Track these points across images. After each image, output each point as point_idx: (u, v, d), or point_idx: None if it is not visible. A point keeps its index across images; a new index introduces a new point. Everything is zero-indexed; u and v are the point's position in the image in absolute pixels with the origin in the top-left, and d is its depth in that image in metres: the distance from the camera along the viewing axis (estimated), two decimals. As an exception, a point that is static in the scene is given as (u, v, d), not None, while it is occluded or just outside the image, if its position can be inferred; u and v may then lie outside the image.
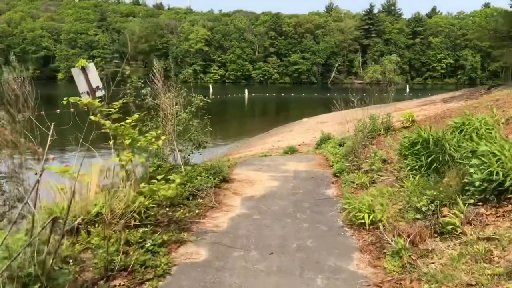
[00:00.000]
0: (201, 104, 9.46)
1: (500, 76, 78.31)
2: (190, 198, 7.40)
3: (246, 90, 57.59)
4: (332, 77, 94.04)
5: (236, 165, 11.12)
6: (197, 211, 6.75)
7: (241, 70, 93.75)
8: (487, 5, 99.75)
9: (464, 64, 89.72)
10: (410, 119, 11.07)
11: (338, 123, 20.19)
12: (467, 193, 5.08)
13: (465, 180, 5.12)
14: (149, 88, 8.84)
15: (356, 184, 7.92)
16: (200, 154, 9.61)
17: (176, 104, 9.15)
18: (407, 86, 69.61)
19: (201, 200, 7.29)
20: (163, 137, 7.35)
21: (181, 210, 6.65)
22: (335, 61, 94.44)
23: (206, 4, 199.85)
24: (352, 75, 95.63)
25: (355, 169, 9.08)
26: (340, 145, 11.78)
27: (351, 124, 11.61)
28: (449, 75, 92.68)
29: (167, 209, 6.61)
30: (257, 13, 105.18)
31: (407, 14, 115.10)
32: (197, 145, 9.52)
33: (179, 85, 9.50)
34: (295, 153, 13.49)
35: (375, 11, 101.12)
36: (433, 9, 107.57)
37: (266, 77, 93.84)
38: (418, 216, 5.37)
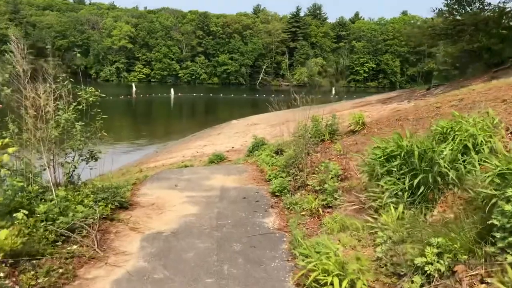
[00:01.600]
0: (91, 100, 6.82)
1: (417, 80, 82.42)
2: (60, 242, 4.79)
3: (172, 90, 54.24)
4: (260, 78, 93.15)
5: (145, 180, 8.57)
6: (61, 270, 4.16)
7: (168, 69, 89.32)
8: (404, 13, 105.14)
9: (385, 68, 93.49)
10: (360, 121, 9.22)
11: (271, 125, 18.31)
12: (497, 244, 3.13)
13: (493, 221, 3.16)
14: (7, 75, 6.06)
15: (305, 210, 5.82)
16: (91, 169, 6.93)
17: (56, 100, 6.50)
18: (333, 88, 70.53)
19: (75, 247, 4.71)
20: (10, 149, 4.68)
21: (32, 271, 4.04)
22: (263, 63, 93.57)
23: (130, 0, 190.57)
24: (279, 77, 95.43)
25: (299, 186, 7.02)
26: (276, 153, 9.71)
27: (284, 126, 9.60)
28: (371, 79, 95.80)
29: (7, 268, 3.98)
30: (184, 11, 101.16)
31: (332, 19, 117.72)
32: (86, 156, 6.88)
33: (63, 74, 6.79)
34: (223, 162, 11.22)
35: (302, 14, 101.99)
36: (356, 15, 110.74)
37: (194, 77, 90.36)
38: (418, 278, 3.34)
